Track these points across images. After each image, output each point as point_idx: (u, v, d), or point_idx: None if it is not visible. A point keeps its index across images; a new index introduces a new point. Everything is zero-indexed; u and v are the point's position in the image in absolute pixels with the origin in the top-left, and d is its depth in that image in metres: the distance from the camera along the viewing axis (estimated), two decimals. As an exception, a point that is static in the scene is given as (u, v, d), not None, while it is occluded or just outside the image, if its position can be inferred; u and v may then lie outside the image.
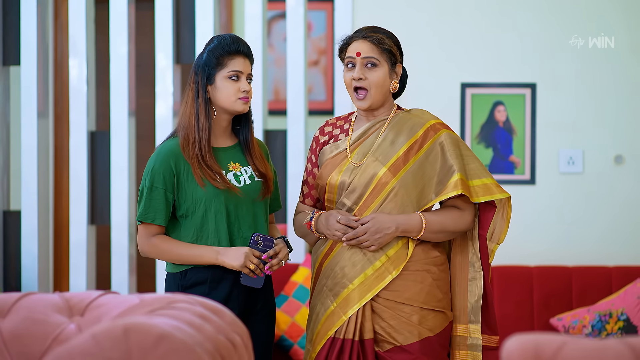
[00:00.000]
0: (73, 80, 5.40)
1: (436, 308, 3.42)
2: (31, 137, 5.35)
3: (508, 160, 5.28)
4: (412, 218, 3.40)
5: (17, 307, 2.38)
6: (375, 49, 3.45)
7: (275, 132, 5.42)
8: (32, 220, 5.35)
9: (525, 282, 5.04)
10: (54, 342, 2.27)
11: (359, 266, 3.43)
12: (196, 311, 2.27)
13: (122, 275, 5.39)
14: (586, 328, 4.85)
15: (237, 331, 2.33)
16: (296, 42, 5.36)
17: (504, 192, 3.44)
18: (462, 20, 5.33)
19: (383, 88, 3.47)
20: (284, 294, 5.00)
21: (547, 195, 5.30)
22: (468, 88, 5.29)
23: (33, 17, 5.33)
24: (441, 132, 3.45)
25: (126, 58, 5.39)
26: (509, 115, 5.29)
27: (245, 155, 3.59)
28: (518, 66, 5.31)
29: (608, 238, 5.29)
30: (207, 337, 2.17)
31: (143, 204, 3.42)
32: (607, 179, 5.29)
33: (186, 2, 5.45)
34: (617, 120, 5.28)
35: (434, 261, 3.46)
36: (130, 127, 5.41)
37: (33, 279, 5.34)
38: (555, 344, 1.86)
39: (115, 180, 5.37)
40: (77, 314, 2.43)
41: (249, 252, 3.42)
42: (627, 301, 4.84)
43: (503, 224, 3.51)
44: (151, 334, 2.07)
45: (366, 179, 3.44)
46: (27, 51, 5.34)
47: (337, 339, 3.44)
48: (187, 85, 3.52)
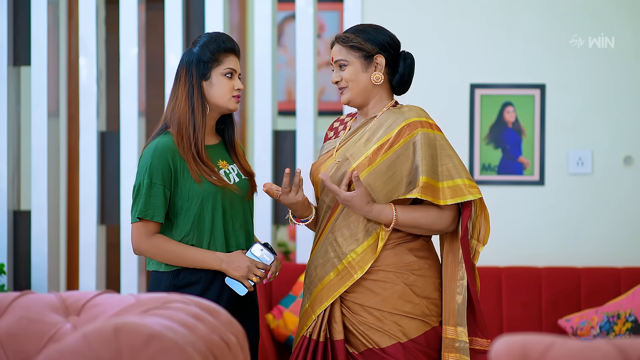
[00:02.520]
0: (83, 81, 5.42)
1: (409, 314, 3.39)
2: (41, 138, 5.37)
3: (517, 161, 5.28)
4: (384, 209, 3.35)
5: (14, 306, 2.39)
6: (342, 49, 3.47)
7: (284, 132, 5.42)
8: (42, 221, 5.37)
9: (534, 283, 5.03)
10: (50, 341, 2.28)
11: (327, 266, 3.44)
12: (191, 311, 2.28)
13: (131, 275, 5.40)
14: (594, 329, 4.84)
15: (232, 331, 2.33)
16: (306, 42, 5.36)
17: (476, 193, 3.37)
18: (471, 21, 5.33)
19: (359, 83, 3.46)
20: (292, 295, 5.01)
21: (556, 196, 5.28)
22: (477, 89, 5.29)
23: (44, 18, 5.35)
24: (417, 131, 3.39)
25: (136, 58, 5.40)
26: (518, 116, 5.28)
27: (230, 153, 3.60)
28: (527, 67, 5.30)
29: (617, 239, 5.28)
30: (199, 337, 2.18)
31: (142, 200, 3.37)
32: (616, 180, 5.27)
33: (196, 3, 5.47)
34: (626, 121, 5.27)
35: (407, 267, 3.41)
36: (140, 127, 5.42)
37: (43, 279, 5.36)
38: (543, 344, 1.85)
39: (125, 180, 5.39)
40: (73, 313, 2.43)
41: (252, 265, 3.42)
42: (635, 302, 4.82)
43: (486, 224, 3.45)
44: (141, 334, 2.08)
45: (339, 178, 3.43)
46: (38, 52, 5.37)
47: (307, 337, 3.46)
48: (177, 79, 3.48)
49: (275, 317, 4.96)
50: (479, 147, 5.27)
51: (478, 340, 3.47)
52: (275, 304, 5.07)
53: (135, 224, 3.42)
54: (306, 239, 5.32)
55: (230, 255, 3.43)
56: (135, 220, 3.41)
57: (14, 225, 5.46)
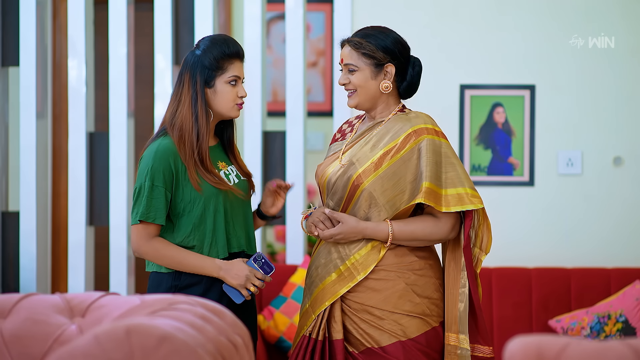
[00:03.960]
0: (72, 81, 5.40)
1: (410, 313, 3.40)
2: (30, 138, 5.33)
3: (507, 161, 5.29)
4: (379, 227, 3.39)
5: (18, 308, 2.38)
6: (354, 54, 3.46)
7: (274, 133, 5.41)
8: (30, 221, 5.34)
9: (524, 284, 5.05)
10: (55, 342, 2.27)
11: (329, 266, 3.45)
12: (197, 312, 2.27)
13: (120, 276, 5.38)
14: (585, 330, 4.85)
15: (238, 332, 2.33)
16: (295, 43, 5.36)
17: (478, 203, 3.39)
18: (461, 22, 5.34)
19: (368, 90, 3.46)
20: (282, 295, 5.00)
21: (546, 196, 5.30)
22: (467, 89, 5.30)
23: (32, 18, 5.32)
24: (423, 137, 3.40)
25: (125, 59, 5.38)
26: (508, 117, 5.29)
27: (228, 155, 3.58)
28: (517, 68, 5.31)
29: (607, 240, 5.29)
30: (208, 339, 2.17)
31: (144, 203, 3.35)
32: (606, 181, 5.29)
33: (185, 3, 5.45)
34: (616, 122, 5.29)
35: (408, 266, 3.43)
36: (129, 128, 5.40)
37: (31, 280, 5.33)
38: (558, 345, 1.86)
39: (114, 181, 5.36)
40: (78, 315, 2.42)
41: (251, 274, 3.41)
42: (625, 303, 4.84)
43: (488, 234, 3.48)
44: (153, 335, 2.07)
45: (344, 182, 3.44)
46: (26, 52, 5.34)
47: (307, 337, 3.47)
48: (180, 83, 3.45)
49: (265, 318, 4.96)
50: (468, 148, 5.28)
51: (480, 347, 3.48)
52: (266, 305, 5.06)
53: (135, 226, 3.40)
54: (296, 240, 5.32)
55: (229, 263, 3.42)
56: (136, 223, 3.39)
57: (2, 226, 5.43)
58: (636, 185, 5.28)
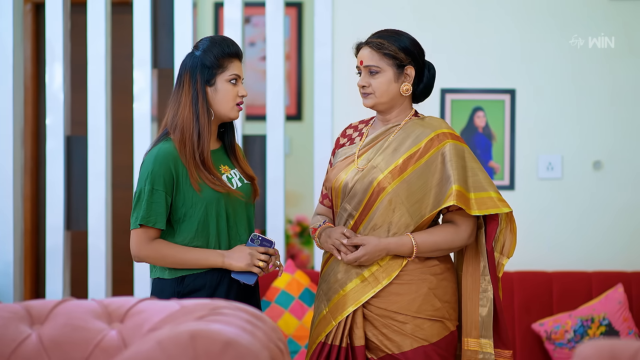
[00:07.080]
0: (49, 85, 5.35)
1: (432, 317, 3.41)
2: (7, 142, 5.27)
3: (487, 165, 5.30)
4: (402, 242, 3.39)
5: (55, 313, 2.35)
6: (375, 55, 3.45)
7: (253, 137, 5.39)
8: (7, 226, 5.27)
9: (506, 288, 5.06)
10: (96, 348, 2.24)
11: (351, 272, 3.44)
12: (243, 317, 2.25)
13: (99, 281, 5.32)
14: (568, 333, 4.88)
15: (279, 337, 2.32)
16: (276, 47, 5.35)
17: (505, 207, 3.41)
18: (441, 26, 5.35)
19: (389, 93, 3.46)
20: (266, 300, 4.99)
21: (527, 200, 5.32)
22: (448, 94, 5.31)
23: (9, 22, 5.26)
24: (446, 142, 3.42)
25: (103, 63, 5.33)
26: (488, 121, 5.31)
27: (230, 158, 3.56)
28: (497, 72, 5.33)
29: (587, 243, 5.32)
30: (262, 344, 2.16)
31: (144, 207, 3.32)
32: (586, 185, 5.32)
33: (164, 7, 5.41)
34: (596, 126, 5.32)
35: (430, 270, 3.44)
36: (108, 132, 5.35)
37: (8, 285, 5.27)
38: (632, 348, 1.87)
39: (92, 185, 5.31)
40: (116, 320, 2.40)
41: (253, 251, 3.39)
42: (608, 306, 4.87)
43: (512, 238, 3.49)
44: (218, 340, 2.05)
45: (365, 185, 3.43)
46: (3, 56, 5.28)
47: (326, 344, 3.45)
48: (180, 85, 3.43)
49: (248, 323, 4.94)
50: (449, 152, 5.29)
51: (500, 351, 3.48)
52: (248, 309, 5.04)
53: (135, 230, 3.36)
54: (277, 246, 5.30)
55: (230, 250, 3.40)
56: (136, 227, 3.35)
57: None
58: (616, 189, 5.32)
